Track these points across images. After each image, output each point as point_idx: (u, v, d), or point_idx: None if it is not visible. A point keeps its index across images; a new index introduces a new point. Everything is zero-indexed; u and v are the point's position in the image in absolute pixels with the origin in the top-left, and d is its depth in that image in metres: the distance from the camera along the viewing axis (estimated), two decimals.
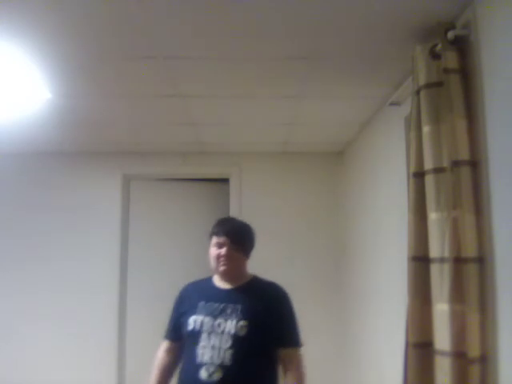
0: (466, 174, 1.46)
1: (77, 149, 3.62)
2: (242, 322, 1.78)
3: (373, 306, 2.87)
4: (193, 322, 1.83)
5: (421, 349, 1.57)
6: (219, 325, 1.79)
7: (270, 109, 2.70)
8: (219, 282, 1.95)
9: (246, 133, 3.24)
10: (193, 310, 1.87)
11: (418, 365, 1.58)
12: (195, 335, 1.81)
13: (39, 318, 3.53)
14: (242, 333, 1.77)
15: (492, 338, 1.40)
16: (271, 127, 3.09)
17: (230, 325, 1.78)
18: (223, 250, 1.88)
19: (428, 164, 1.58)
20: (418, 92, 1.67)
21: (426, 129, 1.61)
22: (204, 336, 1.79)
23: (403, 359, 1.65)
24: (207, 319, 1.81)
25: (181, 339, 1.91)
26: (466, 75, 1.55)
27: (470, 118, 1.51)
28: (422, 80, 1.64)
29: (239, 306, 1.82)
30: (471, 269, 1.42)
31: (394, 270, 2.38)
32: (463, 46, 1.57)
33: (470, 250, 1.43)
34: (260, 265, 3.64)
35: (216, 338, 1.77)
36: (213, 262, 1.91)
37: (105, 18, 1.66)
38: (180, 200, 3.96)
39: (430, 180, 1.57)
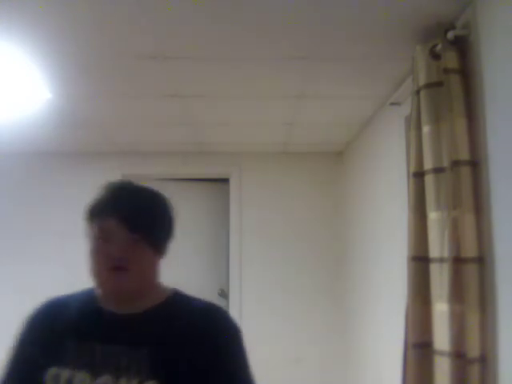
0: (466, 174, 1.46)
1: (77, 149, 3.62)
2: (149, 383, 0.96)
3: (372, 305, 2.87)
4: (52, 380, 0.98)
5: (420, 349, 1.57)
6: None
7: (270, 109, 2.70)
8: (109, 302, 1.07)
9: (245, 133, 3.24)
10: (53, 357, 1.01)
11: (418, 365, 1.57)
12: None
13: None
14: None
15: (492, 338, 1.40)
16: (271, 127, 3.09)
17: None
18: (113, 246, 1.00)
19: (428, 164, 1.58)
20: (418, 92, 1.67)
21: (425, 129, 1.61)
22: None
23: (402, 359, 1.65)
24: (80, 376, 0.98)
25: None
26: (466, 75, 1.55)
27: (470, 117, 1.51)
28: (422, 80, 1.64)
29: (145, 352, 0.98)
30: (471, 269, 1.42)
31: (394, 270, 2.38)
32: (463, 46, 1.57)
33: (469, 250, 1.43)
34: (259, 265, 3.66)
35: None
36: (93, 270, 1.03)
37: (105, 17, 1.66)
38: (180, 200, 3.94)
39: (429, 180, 1.57)
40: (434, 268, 1.53)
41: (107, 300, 1.07)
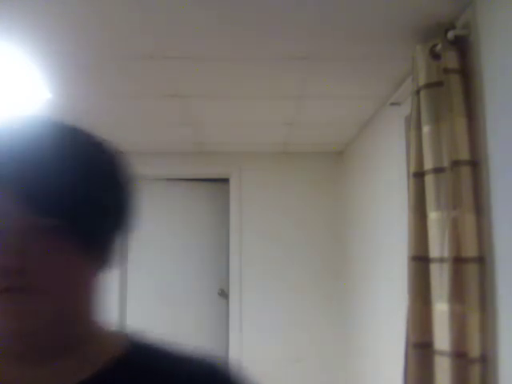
0: (466, 174, 1.46)
1: None
2: None
3: (372, 305, 2.87)
4: None
5: (421, 349, 1.57)
6: None
7: (270, 109, 2.70)
8: (8, 361, 0.51)
9: (246, 133, 3.24)
10: None
11: (418, 365, 1.58)
12: None
13: None
14: None
15: (492, 338, 1.40)
16: (271, 127, 3.09)
17: None
18: (4, 245, 0.47)
19: (428, 164, 1.58)
20: (418, 92, 1.67)
21: (425, 129, 1.61)
22: None
23: (403, 359, 1.65)
24: None
25: None
26: (466, 75, 1.55)
27: (470, 117, 1.52)
28: (422, 80, 1.64)
29: None
30: (471, 269, 1.42)
31: (394, 270, 2.38)
32: (463, 46, 1.57)
33: (469, 250, 1.43)
34: (259, 265, 3.66)
35: None
36: None
37: (105, 17, 1.66)
38: (180, 200, 3.96)
39: (429, 180, 1.57)
40: (434, 268, 1.53)
41: (4, 356, 0.52)
